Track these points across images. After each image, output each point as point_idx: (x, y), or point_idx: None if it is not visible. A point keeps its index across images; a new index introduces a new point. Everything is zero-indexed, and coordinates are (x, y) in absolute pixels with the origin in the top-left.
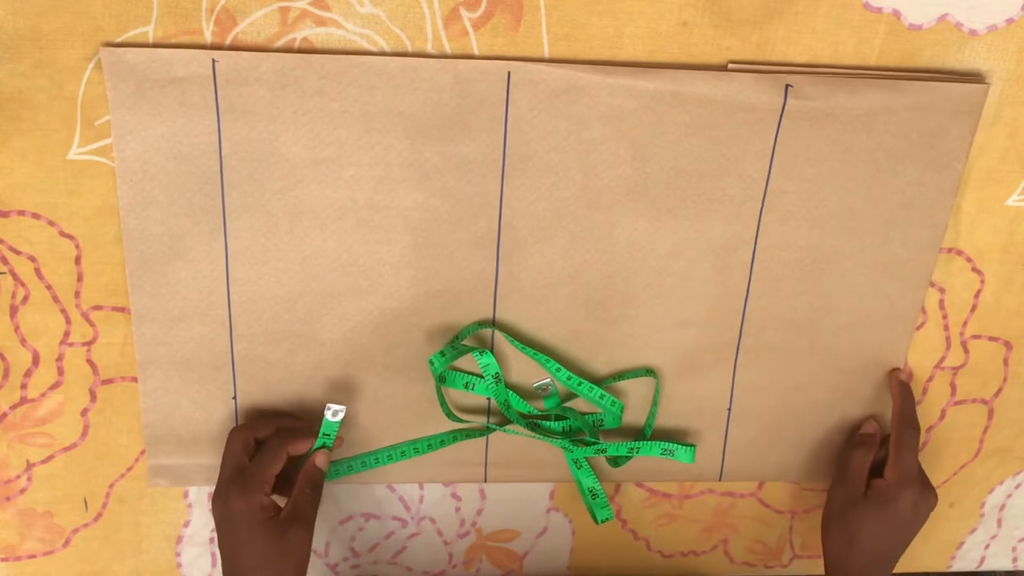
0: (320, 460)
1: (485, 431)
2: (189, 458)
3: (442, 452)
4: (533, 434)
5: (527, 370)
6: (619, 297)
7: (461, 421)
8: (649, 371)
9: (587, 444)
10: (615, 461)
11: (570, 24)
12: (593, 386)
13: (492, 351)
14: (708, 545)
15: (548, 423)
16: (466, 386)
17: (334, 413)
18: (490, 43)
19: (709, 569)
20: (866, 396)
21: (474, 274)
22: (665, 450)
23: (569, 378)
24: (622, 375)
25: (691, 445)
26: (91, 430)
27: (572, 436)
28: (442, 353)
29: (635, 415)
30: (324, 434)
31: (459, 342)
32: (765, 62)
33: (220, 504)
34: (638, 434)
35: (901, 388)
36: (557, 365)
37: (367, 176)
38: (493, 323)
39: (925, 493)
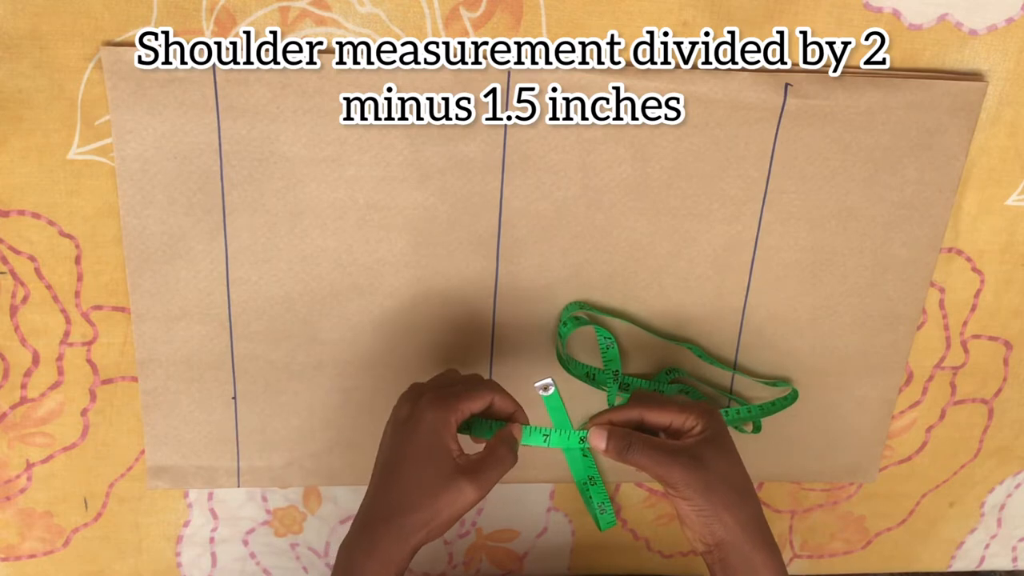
0: (517, 430)
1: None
2: (188, 459)
3: None
4: None
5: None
6: (619, 297)
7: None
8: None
9: None
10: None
11: (570, 24)
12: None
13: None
14: None
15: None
16: (587, 376)
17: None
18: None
19: None
20: (866, 396)
21: (474, 274)
22: None
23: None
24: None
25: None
26: (91, 430)
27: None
28: (564, 323)
29: None
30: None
31: (568, 318)
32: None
33: (409, 406)
34: None
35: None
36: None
37: (367, 176)
38: (587, 309)
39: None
